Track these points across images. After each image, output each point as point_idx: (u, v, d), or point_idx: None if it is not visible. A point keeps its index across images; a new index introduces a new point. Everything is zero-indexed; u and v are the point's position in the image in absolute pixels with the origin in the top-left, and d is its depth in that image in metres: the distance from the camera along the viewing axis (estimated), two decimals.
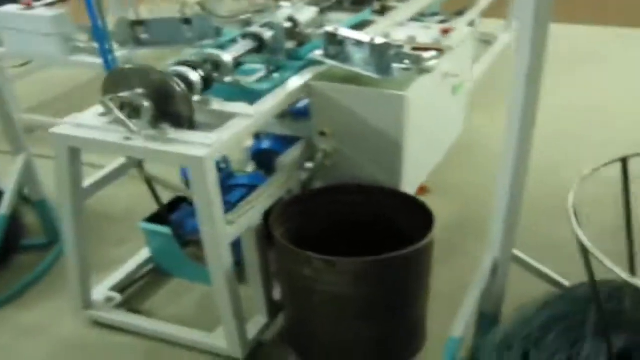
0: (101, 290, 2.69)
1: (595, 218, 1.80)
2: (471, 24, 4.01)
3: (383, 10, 3.04)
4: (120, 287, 2.76)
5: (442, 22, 3.29)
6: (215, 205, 2.01)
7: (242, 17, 2.49)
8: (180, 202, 2.76)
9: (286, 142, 2.61)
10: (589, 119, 4.15)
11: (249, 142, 2.84)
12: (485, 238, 2.96)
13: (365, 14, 2.95)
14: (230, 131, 2.05)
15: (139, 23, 2.46)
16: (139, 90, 1.99)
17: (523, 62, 1.76)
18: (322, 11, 2.77)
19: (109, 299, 2.67)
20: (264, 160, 2.68)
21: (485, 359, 1.89)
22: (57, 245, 3.08)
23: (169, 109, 2.02)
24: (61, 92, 4.55)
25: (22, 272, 2.94)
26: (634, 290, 1.53)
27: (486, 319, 2.23)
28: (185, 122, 2.03)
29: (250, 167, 2.99)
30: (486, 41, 4.77)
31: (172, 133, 2.00)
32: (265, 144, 2.66)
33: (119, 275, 2.79)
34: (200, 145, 1.95)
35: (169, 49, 2.53)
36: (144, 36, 2.49)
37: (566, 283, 2.22)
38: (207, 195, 1.98)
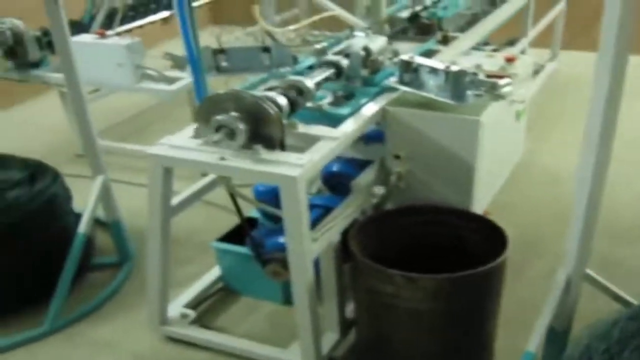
0: (175, 307, 2.79)
1: None
2: (522, 52, 4.13)
3: (445, 40, 3.16)
4: (193, 305, 2.86)
5: (494, 50, 3.42)
6: (303, 223, 2.12)
7: (317, 46, 2.61)
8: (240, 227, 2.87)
9: (356, 165, 2.72)
10: None
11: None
12: (543, 257, 3.06)
13: (430, 44, 3.07)
14: (320, 152, 2.17)
15: (221, 51, 2.59)
16: (234, 114, 2.12)
17: (601, 90, 1.85)
18: (389, 40, 2.89)
19: (183, 315, 2.77)
20: (335, 182, 2.78)
21: None
22: (128, 264, 3.21)
23: (261, 131, 2.15)
24: (125, 118, 4.72)
25: (94, 289, 3.06)
26: None
27: (556, 335, 2.29)
28: (277, 143, 2.16)
29: (314, 189, 3.10)
30: (535, 69, 4.88)
31: (265, 154, 2.12)
32: (336, 167, 2.77)
33: (191, 293, 2.89)
34: (293, 166, 2.07)
35: (247, 75, 2.67)
36: (224, 64, 2.63)
37: (635, 302, 2.28)
38: (298, 213, 2.09)
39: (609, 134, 1.92)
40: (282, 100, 2.22)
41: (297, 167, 2.07)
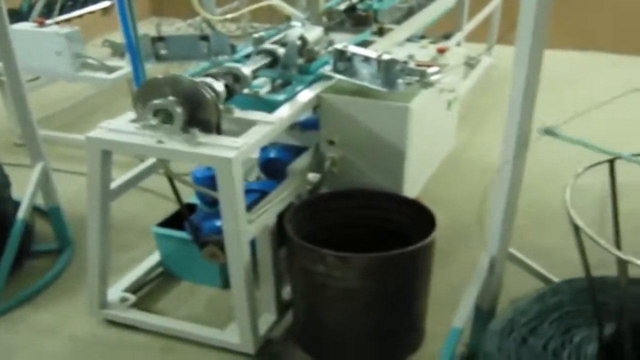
0: (115, 291, 2.82)
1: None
2: (457, 46, 4.27)
3: (381, 32, 3.26)
4: (132, 289, 2.89)
5: (431, 43, 3.53)
6: (239, 204, 2.19)
7: (255, 35, 2.68)
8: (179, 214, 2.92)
9: (292, 151, 2.81)
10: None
11: (256, 153, 3.03)
12: (470, 244, 3.18)
13: (366, 35, 3.17)
14: (255, 136, 2.25)
15: (160, 39, 2.64)
16: (171, 98, 2.18)
17: (519, 82, 1.97)
18: (326, 31, 2.97)
19: (123, 299, 2.80)
20: (272, 168, 2.86)
21: (487, 345, 2.07)
22: (67, 251, 3.23)
23: (198, 115, 2.21)
24: (64, 107, 4.70)
25: (34, 275, 3.07)
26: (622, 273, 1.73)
27: (482, 313, 2.41)
28: (213, 127, 2.22)
29: (253, 176, 3.17)
30: (469, 63, 5.02)
31: (202, 137, 2.19)
32: (273, 153, 2.84)
33: (130, 277, 2.93)
34: (228, 148, 2.14)
35: (185, 63, 2.72)
36: (163, 51, 2.68)
37: (557, 280, 2.42)
38: (233, 195, 2.16)
39: (527, 119, 2.04)
40: (219, 86, 2.29)
41: (233, 149, 2.14)
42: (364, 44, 3.00)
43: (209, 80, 2.29)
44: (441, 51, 2.91)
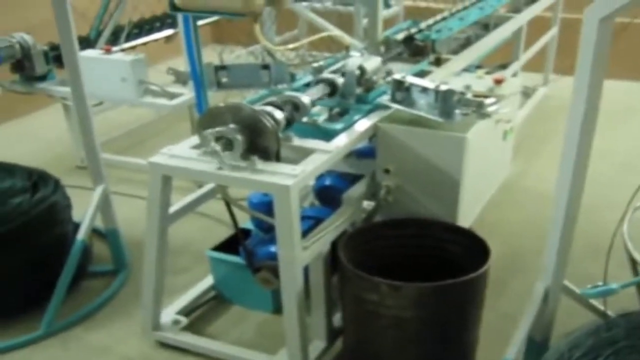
0: (168, 313, 2.87)
1: None
2: (514, 76, 4.26)
3: (438, 62, 3.28)
4: (185, 312, 2.94)
5: (486, 73, 3.54)
6: (295, 231, 2.22)
7: (315, 64, 2.73)
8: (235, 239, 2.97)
9: (347, 179, 2.84)
10: (626, 166, 4.34)
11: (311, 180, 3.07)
12: (526, 273, 3.15)
13: (423, 65, 3.20)
14: (312, 164, 2.29)
15: (222, 68, 2.71)
16: (232, 126, 2.24)
17: (578, 112, 1.97)
18: (385, 61, 3.01)
19: (175, 322, 2.84)
20: (327, 195, 2.89)
21: None
22: (123, 272, 3.30)
23: (258, 142, 2.26)
24: (125, 132, 4.82)
25: (90, 295, 3.15)
26: None
27: (535, 345, 2.39)
28: (273, 155, 2.27)
29: (307, 202, 3.21)
30: (525, 93, 5.01)
31: (261, 164, 2.23)
32: (328, 181, 2.88)
33: (183, 300, 2.98)
34: (286, 176, 2.18)
35: (246, 91, 2.79)
36: (225, 79, 2.75)
37: (612, 314, 2.38)
38: (290, 221, 2.19)
39: (585, 151, 2.03)
40: (279, 114, 2.34)
41: (291, 177, 2.18)
42: (421, 74, 3.03)
43: (269, 108, 2.34)
44: (498, 82, 2.91)
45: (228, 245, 3.00)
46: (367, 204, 2.73)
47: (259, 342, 2.83)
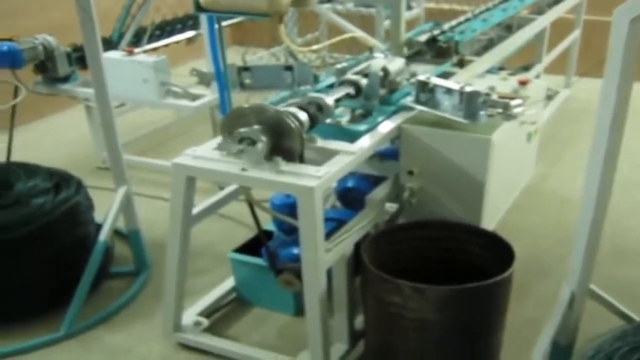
0: (189, 315, 2.87)
1: None
2: (537, 77, 4.23)
3: (461, 64, 3.26)
4: (206, 314, 2.93)
5: (510, 75, 3.51)
6: (318, 233, 2.21)
7: (338, 66, 2.72)
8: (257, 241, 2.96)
9: (370, 181, 2.82)
10: None
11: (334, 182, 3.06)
12: (549, 277, 3.12)
13: (446, 66, 3.17)
14: (336, 166, 2.27)
15: (245, 69, 2.71)
16: (256, 127, 2.23)
17: (606, 115, 1.94)
18: (408, 63, 2.99)
19: (197, 323, 2.84)
20: (349, 197, 2.88)
21: None
22: (144, 273, 3.30)
23: (282, 143, 2.26)
24: (147, 133, 4.83)
25: (111, 296, 3.16)
26: None
27: (560, 349, 2.36)
28: (296, 156, 2.26)
29: (329, 204, 3.20)
30: (548, 95, 4.97)
31: (285, 165, 2.22)
32: (351, 183, 2.87)
33: (205, 302, 2.97)
34: (310, 177, 2.17)
35: (269, 92, 2.78)
36: (248, 81, 2.74)
37: (638, 318, 2.35)
38: (314, 223, 2.18)
39: (613, 155, 2.01)
40: (303, 115, 2.33)
41: (315, 178, 2.17)
42: (445, 75, 3.01)
43: (293, 109, 2.33)
44: (522, 83, 2.89)
45: (249, 247, 3.00)
46: (390, 206, 2.71)
47: (280, 344, 2.82)
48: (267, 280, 2.79)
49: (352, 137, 2.49)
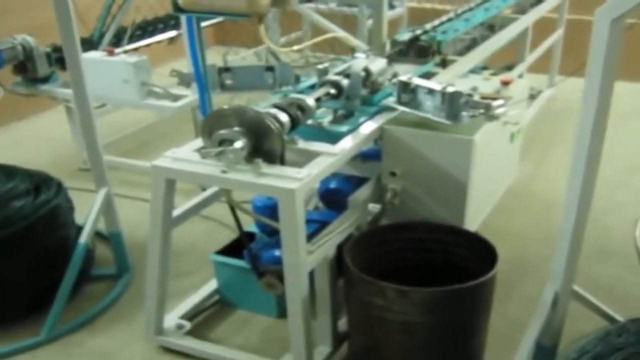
0: (171, 318, 2.84)
1: None
2: (520, 77, 4.23)
3: (444, 64, 3.25)
4: (188, 317, 2.90)
5: (492, 75, 3.51)
6: (300, 235, 2.19)
7: (320, 66, 2.70)
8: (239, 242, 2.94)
9: (352, 182, 2.80)
10: (631, 168, 4.31)
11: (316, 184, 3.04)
12: (531, 278, 3.12)
13: (429, 66, 3.16)
14: (318, 167, 2.25)
15: (226, 69, 2.68)
16: (236, 128, 2.20)
17: (589, 115, 1.93)
18: (389, 62, 2.98)
19: (179, 326, 2.81)
20: (331, 199, 2.86)
21: None
22: (126, 276, 3.27)
23: (262, 145, 2.23)
24: (127, 134, 4.78)
25: (92, 299, 3.12)
26: None
27: (543, 351, 2.35)
28: (277, 158, 2.24)
29: (311, 206, 3.18)
30: (531, 95, 4.97)
31: (265, 167, 2.20)
32: (334, 184, 2.85)
33: (187, 304, 2.94)
34: (292, 179, 2.15)
35: (251, 93, 2.76)
36: (228, 81, 2.72)
37: (621, 319, 2.34)
38: (295, 226, 2.16)
39: (596, 156, 2.00)
40: (284, 117, 2.30)
41: (296, 180, 2.15)
42: (427, 75, 3.00)
43: (274, 111, 2.31)
44: (505, 83, 2.88)
45: (232, 249, 2.97)
46: (373, 207, 2.70)
47: (264, 347, 2.79)
48: (250, 282, 2.76)
49: (334, 138, 2.47)
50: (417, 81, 2.55)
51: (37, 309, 2.94)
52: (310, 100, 2.43)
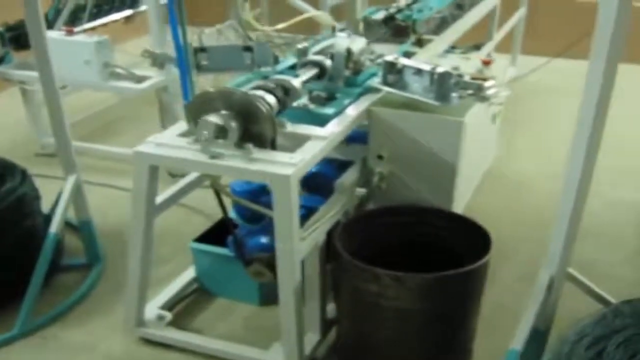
0: (151, 308, 2.74)
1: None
2: (488, 56, 4.21)
3: (420, 43, 3.20)
4: (168, 306, 2.82)
5: (463, 54, 3.47)
6: (294, 222, 2.11)
7: (299, 46, 2.61)
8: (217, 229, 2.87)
9: (334, 165, 2.73)
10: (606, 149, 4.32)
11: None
12: (509, 261, 3.10)
13: (406, 46, 3.10)
14: (311, 152, 2.17)
15: (202, 50, 2.57)
16: (225, 112, 2.10)
17: (592, 97, 1.89)
18: (368, 42, 2.90)
19: (160, 317, 2.72)
20: (314, 183, 2.78)
21: None
22: (98, 266, 3.15)
23: (253, 129, 2.14)
24: (85, 116, 4.61)
25: (65, 291, 2.99)
26: None
27: (537, 334, 2.34)
28: (268, 142, 2.15)
29: None
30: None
31: (256, 152, 2.11)
32: (315, 168, 2.76)
33: (166, 294, 2.85)
34: (285, 165, 2.07)
35: (228, 74, 2.65)
36: (204, 62, 2.61)
37: (614, 301, 2.34)
38: (289, 213, 2.08)
39: (597, 138, 1.97)
40: (271, 99, 2.21)
41: (290, 166, 2.07)
42: (406, 55, 2.93)
43: (261, 92, 2.21)
44: (486, 63, 2.84)
45: (210, 236, 2.88)
46: (359, 191, 2.63)
47: (248, 335, 2.71)
48: (231, 270, 2.70)
49: (321, 121, 2.39)
50: (404, 61, 2.49)
51: (6, 302, 2.81)
52: (296, 82, 2.34)
